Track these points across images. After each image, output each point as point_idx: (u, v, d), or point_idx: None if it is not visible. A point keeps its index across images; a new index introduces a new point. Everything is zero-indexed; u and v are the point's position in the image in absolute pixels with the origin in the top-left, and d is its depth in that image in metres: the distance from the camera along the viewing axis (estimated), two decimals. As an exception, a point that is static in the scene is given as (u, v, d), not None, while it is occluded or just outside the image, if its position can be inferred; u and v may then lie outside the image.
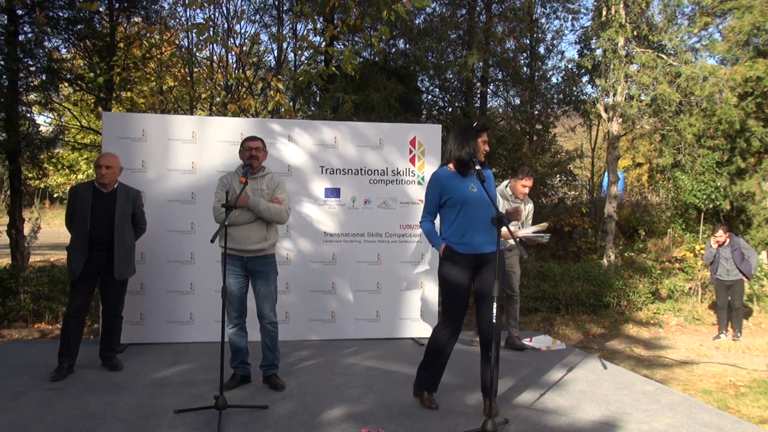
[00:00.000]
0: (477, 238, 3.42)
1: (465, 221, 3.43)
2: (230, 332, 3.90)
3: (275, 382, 3.96)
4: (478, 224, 3.41)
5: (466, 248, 3.42)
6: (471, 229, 3.42)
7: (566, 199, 13.60)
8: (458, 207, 3.44)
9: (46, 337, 6.69)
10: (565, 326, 8.41)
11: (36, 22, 7.92)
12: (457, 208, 3.45)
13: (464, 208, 3.43)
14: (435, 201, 3.52)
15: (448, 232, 3.49)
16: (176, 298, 5.29)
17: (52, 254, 11.39)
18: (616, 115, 10.86)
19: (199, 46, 9.40)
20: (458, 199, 3.44)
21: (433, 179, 3.55)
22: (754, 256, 7.58)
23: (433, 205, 3.55)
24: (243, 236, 3.81)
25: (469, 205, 3.43)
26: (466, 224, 3.43)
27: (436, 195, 3.51)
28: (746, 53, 10.46)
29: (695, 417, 3.57)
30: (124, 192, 4.37)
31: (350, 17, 7.53)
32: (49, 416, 3.37)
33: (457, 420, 3.40)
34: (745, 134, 10.48)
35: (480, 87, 12.55)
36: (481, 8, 12.31)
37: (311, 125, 5.67)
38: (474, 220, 3.41)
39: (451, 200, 3.45)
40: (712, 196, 10.73)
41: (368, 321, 5.61)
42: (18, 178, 8.53)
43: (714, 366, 6.51)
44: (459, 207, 3.44)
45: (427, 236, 3.61)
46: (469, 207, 3.43)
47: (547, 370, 4.62)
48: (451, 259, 3.45)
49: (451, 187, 3.46)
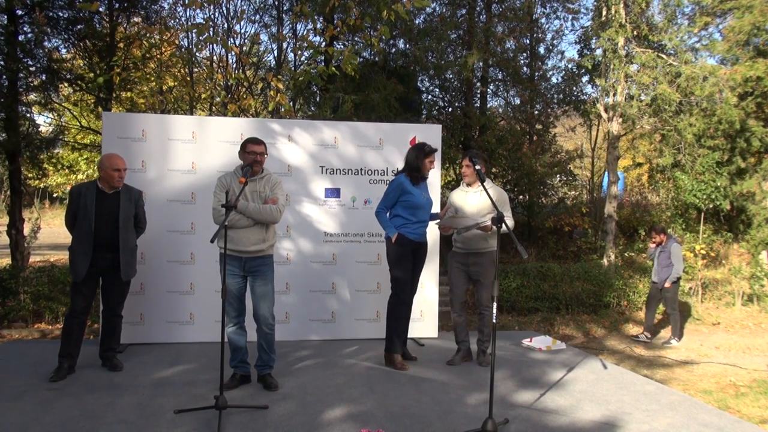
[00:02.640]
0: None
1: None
2: (229, 331, 3.91)
3: (269, 381, 3.97)
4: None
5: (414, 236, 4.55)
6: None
7: (566, 199, 13.60)
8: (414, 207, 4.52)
9: (46, 337, 6.69)
10: (565, 326, 8.41)
11: (36, 22, 7.92)
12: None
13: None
14: (394, 198, 4.56)
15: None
16: (176, 298, 5.29)
17: (52, 254, 11.39)
18: (616, 115, 10.86)
19: (199, 46, 9.41)
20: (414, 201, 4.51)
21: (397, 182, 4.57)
22: (678, 265, 7.39)
23: (390, 200, 4.57)
24: (242, 238, 3.83)
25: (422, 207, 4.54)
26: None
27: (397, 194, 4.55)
28: (746, 53, 10.46)
29: (695, 417, 3.57)
30: (127, 193, 4.37)
31: (350, 17, 7.53)
32: (49, 416, 3.36)
33: (457, 420, 3.40)
34: (745, 134, 10.48)
35: (480, 87, 12.55)
36: (481, 8, 12.31)
37: (311, 125, 5.67)
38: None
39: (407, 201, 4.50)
40: (712, 196, 10.73)
41: (368, 321, 5.61)
42: (18, 178, 8.54)
43: (714, 366, 6.52)
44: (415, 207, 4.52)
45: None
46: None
47: (547, 370, 4.62)
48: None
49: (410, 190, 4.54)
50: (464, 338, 4.79)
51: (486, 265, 4.60)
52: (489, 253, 4.60)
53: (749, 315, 9.43)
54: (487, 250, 4.60)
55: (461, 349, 4.78)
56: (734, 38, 10.39)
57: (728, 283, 10.30)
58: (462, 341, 4.78)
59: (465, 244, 4.64)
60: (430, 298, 5.74)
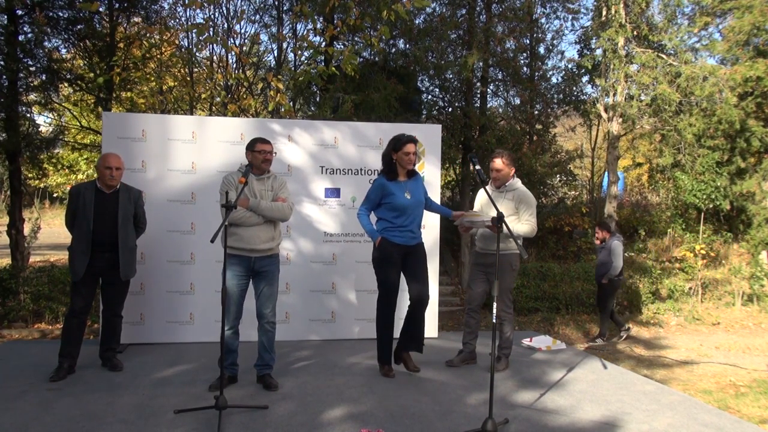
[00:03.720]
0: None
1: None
2: (226, 334, 3.89)
3: (269, 381, 3.96)
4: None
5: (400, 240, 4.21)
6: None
7: (566, 199, 13.61)
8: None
9: (46, 337, 6.70)
10: (565, 326, 8.42)
11: (36, 22, 7.92)
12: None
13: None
14: (375, 199, 4.30)
15: None
16: (176, 298, 5.29)
17: (52, 254, 11.39)
18: (616, 115, 10.87)
19: (199, 46, 9.42)
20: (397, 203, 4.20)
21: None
22: (616, 262, 7.22)
23: (371, 201, 4.32)
24: (252, 236, 3.82)
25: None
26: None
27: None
28: (746, 53, 10.47)
29: (695, 417, 3.57)
30: (126, 192, 4.37)
31: (350, 17, 7.53)
32: (49, 416, 3.36)
33: (457, 420, 3.40)
34: (745, 134, 10.49)
35: (480, 87, 12.55)
36: (481, 8, 12.30)
37: (311, 125, 5.67)
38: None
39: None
40: (712, 196, 10.74)
41: (368, 321, 5.60)
42: (18, 178, 8.55)
43: (714, 366, 6.52)
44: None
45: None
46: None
47: (547, 370, 4.62)
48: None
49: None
50: (470, 340, 4.59)
51: (502, 267, 4.26)
52: (504, 255, 4.27)
53: (749, 315, 9.43)
54: (502, 252, 4.16)
55: (463, 351, 4.62)
56: (734, 38, 10.40)
57: (728, 283, 10.30)
58: (467, 343, 4.61)
59: (482, 244, 4.52)
60: (431, 298, 5.72)
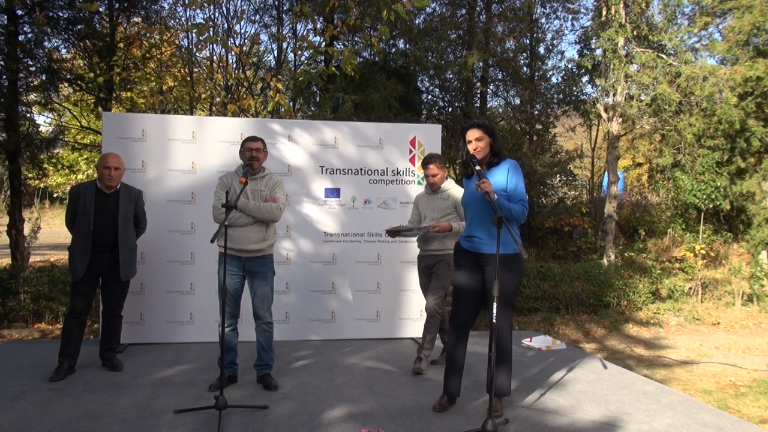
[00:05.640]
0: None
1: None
2: (225, 332, 3.90)
3: (268, 381, 3.97)
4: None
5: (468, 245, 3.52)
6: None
7: (566, 199, 13.60)
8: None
9: (46, 337, 6.70)
10: (565, 326, 8.42)
11: (36, 22, 7.92)
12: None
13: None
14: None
15: None
16: (176, 298, 5.29)
17: (52, 254, 11.40)
18: (616, 115, 10.86)
19: (199, 46, 9.42)
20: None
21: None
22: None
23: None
24: (242, 236, 3.83)
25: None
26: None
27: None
28: (746, 53, 10.47)
29: (695, 417, 3.57)
30: (126, 192, 4.37)
31: (350, 17, 7.53)
32: (49, 416, 3.36)
33: (458, 420, 3.40)
34: (745, 134, 10.49)
35: (480, 87, 12.56)
36: (481, 8, 12.31)
37: (311, 125, 5.67)
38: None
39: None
40: (712, 196, 10.73)
41: (368, 321, 5.61)
42: (18, 178, 8.54)
43: (714, 366, 6.52)
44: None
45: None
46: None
47: (547, 370, 4.62)
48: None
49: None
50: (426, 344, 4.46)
51: (439, 267, 4.41)
52: (443, 255, 4.41)
53: (749, 315, 9.43)
54: (441, 252, 4.41)
55: (421, 357, 4.42)
56: (734, 38, 10.40)
57: (728, 283, 10.30)
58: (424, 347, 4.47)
59: (422, 245, 4.58)
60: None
